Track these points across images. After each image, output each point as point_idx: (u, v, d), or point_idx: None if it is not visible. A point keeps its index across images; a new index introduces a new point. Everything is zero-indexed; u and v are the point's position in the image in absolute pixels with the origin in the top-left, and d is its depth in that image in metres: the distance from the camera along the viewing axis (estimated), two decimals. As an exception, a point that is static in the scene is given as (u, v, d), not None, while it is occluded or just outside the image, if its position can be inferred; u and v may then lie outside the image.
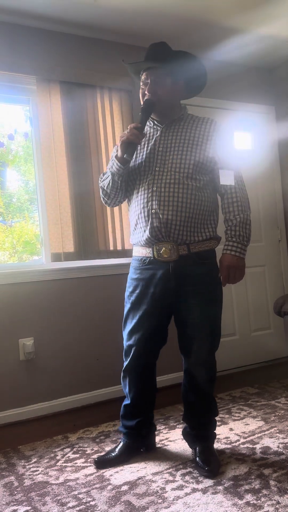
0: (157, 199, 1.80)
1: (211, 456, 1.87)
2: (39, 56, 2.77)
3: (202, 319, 1.84)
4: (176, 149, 1.84)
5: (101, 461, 1.97)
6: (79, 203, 2.80)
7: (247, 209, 1.87)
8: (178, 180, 1.80)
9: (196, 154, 1.82)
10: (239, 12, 2.82)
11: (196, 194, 1.81)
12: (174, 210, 1.79)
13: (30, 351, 2.63)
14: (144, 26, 2.89)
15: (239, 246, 1.81)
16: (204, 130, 1.87)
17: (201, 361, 1.88)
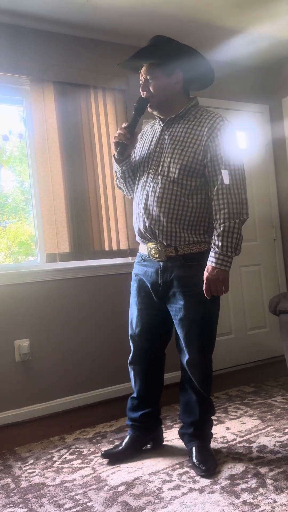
0: (145, 202, 1.83)
1: (207, 456, 1.87)
2: (33, 56, 2.76)
3: (190, 320, 1.83)
4: (169, 151, 1.81)
5: (108, 454, 2.00)
6: (74, 203, 2.79)
7: (237, 215, 1.73)
8: (164, 185, 1.79)
9: (185, 158, 1.76)
10: (233, 12, 2.82)
11: (183, 201, 1.78)
12: (158, 215, 1.80)
13: (26, 352, 2.62)
14: (139, 26, 2.88)
15: (220, 257, 1.73)
16: (200, 130, 1.77)
17: (193, 360, 1.87)
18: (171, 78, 1.80)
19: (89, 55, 2.95)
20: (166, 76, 1.79)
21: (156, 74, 1.79)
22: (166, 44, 1.81)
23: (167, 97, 1.81)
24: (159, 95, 1.81)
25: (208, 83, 1.94)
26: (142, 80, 1.84)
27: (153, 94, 1.81)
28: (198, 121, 1.80)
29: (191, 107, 1.85)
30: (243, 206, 1.76)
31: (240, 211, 1.75)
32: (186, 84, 1.85)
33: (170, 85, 1.80)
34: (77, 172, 2.81)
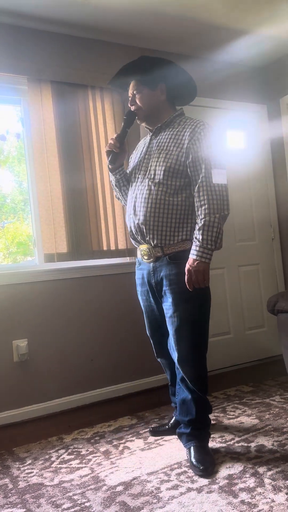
0: (134, 203, 1.95)
1: (205, 455, 1.88)
2: (31, 56, 2.76)
3: (179, 317, 1.88)
4: (155, 155, 1.93)
5: (155, 431, 2.23)
6: (72, 203, 2.79)
7: (217, 211, 1.82)
8: (150, 187, 1.91)
9: (168, 160, 1.87)
10: (233, 13, 2.82)
11: (167, 200, 1.87)
12: (145, 216, 1.90)
13: (24, 352, 2.62)
14: (138, 26, 2.88)
15: (200, 249, 1.80)
16: (183, 135, 1.88)
17: (183, 358, 1.91)
18: (156, 91, 1.95)
19: (87, 55, 2.95)
20: (151, 90, 1.94)
21: (142, 89, 1.94)
22: (148, 61, 1.96)
23: (153, 109, 1.96)
24: (146, 108, 1.96)
25: (192, 92, 2.05)
26: (130, 95, 1.99)
27: (140, 107, 1.96)
28: (181, 127, 1.91)
29: (176, 116, 1.97)
30: (223, 202, 1.85)
31: (221, 206, 1.84)
32: (170, 95, 1.99)
33: (155, 98, 1.95)
34: (75, 172, 2.80)
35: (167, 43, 3.15)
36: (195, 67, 3.37)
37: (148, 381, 2.96)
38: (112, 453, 2.10)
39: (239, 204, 3.53)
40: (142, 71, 1.93)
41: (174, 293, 1.89)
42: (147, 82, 1.93)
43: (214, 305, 3.29)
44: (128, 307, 2.93)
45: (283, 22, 3.01)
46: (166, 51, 3.25)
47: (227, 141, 1.70)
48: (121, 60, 3.05)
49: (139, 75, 1.93)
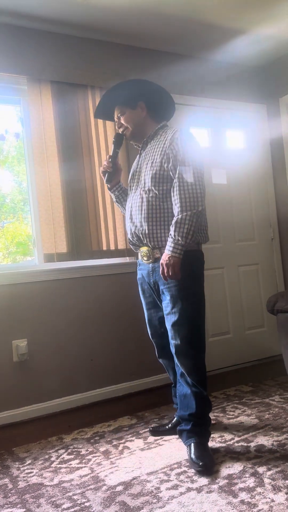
0: (130, 212, 2.10)
1: (204, 452, 1.89)
2: (30, 56, 2.76)
3: (176, 313, 1.98)
4: (144, 166, 2.07)
5: (155, 430, 2.25)
6: (72, 203, 2.79)
7: (189, 208, 1.90)
8: (141, 195, 2.04)
9: (153, 168, 2.00)
10: (233, 12, 2.82)
11: (158, 205, 1.99)
12: (140, 222, 2.03)
13: (24, 352, 2.62)
14: (137, 25, 2.88)
15: (172, 245, 1.90)
16: (164, 143, 2.00)
17: (180, 350, 1.99)
18: (137, 110, 2.10)
19: (87, 55, 2.95)
20: (132, 109, 2.10)
21: (124, 110, 2.11)
22: (125, 84, 2.11)
23: (138, 126, 2.11)
24: (131, 127, 2.11)
25: (169, 102, 2.18)
26: (116, 120, 2.16)
27: (126, 127, 2.12)
28: (163, 137, 2.05)
29: (159, 128, 2.11)
30: (196, 199, 1.92)
31: (193, 203, 1.91)
32: (150, 110, 2.13)
33: (136, 116, 2.11)
34: (74, 172, 2.80)
35: (167, 43, 3.15)
36: (195, 67, 3.37)
37: (148, 381, 2.96)
38: (112, 453, 2.10)
39: (238, 204, 3.53)
40: (121, 95, 2.09)
41: (171, 291, 1.98)
42: (127, 103, 2.10)
43: (213, 305, 3.32)
44: (128, 307, 2.93)
45: (283, 22, 3.01)
46: (166, 51, 3.25)
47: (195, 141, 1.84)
48: (121, 60, 3.06)
49: (119, 100, 2.11)
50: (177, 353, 1.99)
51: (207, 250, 3.33)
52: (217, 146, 3.46)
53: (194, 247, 2.02)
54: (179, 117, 3.29)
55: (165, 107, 2.18)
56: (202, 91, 3.38)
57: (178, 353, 1.99)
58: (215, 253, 3.39)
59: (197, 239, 2.03)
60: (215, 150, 3.44)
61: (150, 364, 2.91)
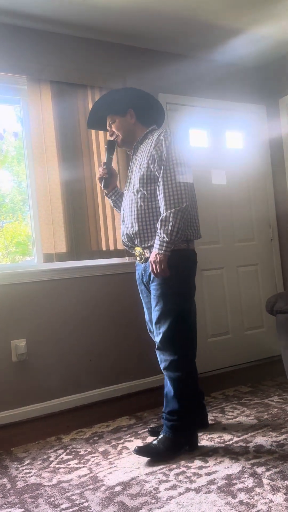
0: (123, 215, 2.18)
1: (156, 441, 2.01)
2: (30, 56, 2.76)
3: (156, 312, 2.05)
4: (134, 170, 2.14)
5: (154, 431, 2.26)
6: (71, 203, 2.79)
7: (172, 205, 1.94)
8: (131, 196, 2.12)
9: (141, 170, 2.07)
10: (232, 12, 2.82)
11: (146, 205, 2.05)
12: (131, 222, 2.10)
13: (23, 352, 2.61)
14: (137, 25, 2.88)
15: (158, 242, 1.95)
16: (150, 145, 2.06)
17: (158, 346, 2.07)
18: (126, 117, 2.19)
19: (86, 55, 2.95)
20: (122, 116, 2.19)
21: (114, 118, 2.20)
22: (114, 93, 2.19)
23: (128, 133, 2.20)
24: (121, 134, 2.20)
25: (158, 107, 2.25)
26: (108, 128, 2.25)
27: (117, 134, 2.21)
28: (150, 140, 2.11)
29: (148, 133, 2.18)
30: (179, 196, 1.96)
31: (177, 201, 1.95)
32: (139, 116, 2.20)
33: (126, 122, 2.19)
34: (74, 172, 2.80)
35: (166, 43, 3.15)
36: (194, 67, 3.37)
37: (147, 381, 2.96)
38: (110, 453, 2.10)
39: (238, 204, 3.53)
40: (110, 104, 2.18)
41: (155, 290, 2.05)
42: (117, 111, 2.19)
43: (213, 305, 3.32)
44: (127, 307, 2.93)
45: (282, 22, 3.01)
46: (165, 51, 3.25)
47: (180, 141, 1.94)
48: (120, 60, 3.06)
49: (108, 109, 2.19)
50: (157, 348, 2.08)
51: (206, 251, 3.34)
52: (217, 147, 3.46)
53: (182, 246, 2.05)
54: (178, 117, 3.29)
55: (154, 112, 2.26)
56: (202, 92, 3.38)
57: (158, 348, 2.07)
58: (214, 253, 3.39)
59: (186, 236, 2.05)
60: (214, 151, 3.44)
61: (149, 364, 2.90)
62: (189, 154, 2.08)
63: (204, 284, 3.32)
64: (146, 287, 2.18)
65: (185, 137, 3.30)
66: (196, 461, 1.93)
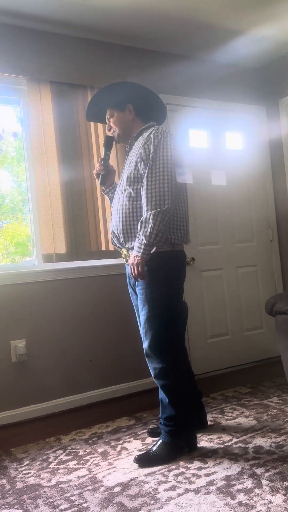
0: (112, 213, 2.13)
1: (155, 448, 1.98)
2: (30, 56, 2.76)
3: (144, 316, 2.00)
4: (125, 168, 2.09)
5: (153, 432, 2.25)
6: (71, 203, 2.79)
7: (154, 207, 1.88)
8: (119, 195, 2.07)
9: (129, 169, 2.02)
10: (232, 13, 2.83)
11: (131, 204, 2.00)
12: (116, 222, 2.05)
13: (22, 353, 2.61)
14: (136, 26, 2.89)
15: (137, 245, 1.89)
16: (139, 145, 2.02)
17: (147, 353, 2.01)
18: (125, 112, 2.13)
19: (86, 55, 2.95)
20: (121, 112, 2.13)
21: (113, 113, 2.15)
22: (114, 87, 2.14)
23: (126, 128, 2.15)
24: (119, 129, 2.15)
25: (158, 103, 2.19)
26: (107, 122, 2.19)
27: (115, 130, 2.16)
28: (142, 137, 2.05)
29: (143, 129, 2.12)
30: (163, 197, 1.89)
31: (158, 202, 1.88)
32: (138, 112, 2.15)
33: (125, 118, 2.14)
34: (73, 173, 2.80)
35: (166, 44, 3.15)
36: (194, 68, 3.37)
37: (146, 382, 2.96)
38: (110, 454, 2.09)
39: (238, 205, 3.53)
40: (110, 97, 2.13)
41: (140, 294, 2.00)
42: (116, 105, 2.13)
43: (212, 306, 3.32)
44: (126, 308, 2.92)
45: (282, 22, 3.01)
46: (165, 51, 3.25)
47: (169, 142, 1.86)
48: (120, 61, 3.07)
49: (108, 102, 2.14)
50: (145, 355, 2.02)
51: (206, 251, 3.34)
52: (217, 148, 3.46)
53: (166, 248, 1.97)
54: (178, 118, 3.29)
55: (155, 109, 2.21)
56: (202, 92, 3.39)
57: (146, 355, 2.02)
58: (214, 254, 3.39)
59: (170, 240, 1.97)
60: (214, 152, 3.44)
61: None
62: (181, 154, 2.02)
63: (204, 285, 3.32)
64: (133, 290, 2.13)
65: (185, 138, 3.30)
66: (195, 462, 1.93)
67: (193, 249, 3.29)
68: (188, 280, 3.24)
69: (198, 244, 3.33)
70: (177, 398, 1.99)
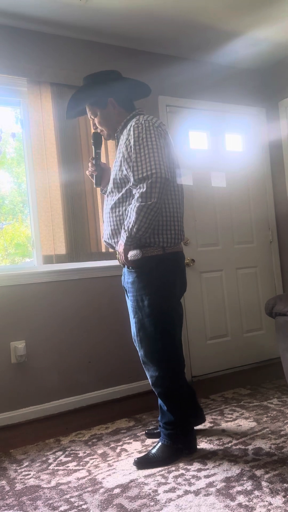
0: (103, 215, 2.06)
1: (154, 450, 1.98)
2: (30, 58, 2.76)
3: (134, 324, 1.97)
4: (112, 168, 2.00)
5: (151, 433, 2.24)
6: (71, 205, 2.79)
7: (140, 200, 1.77)
8: (107, 197, 2.01)
9: (114, 169, 1.95)
10: (232, 15, 2.83)
11: (117, 207, 1.93)
12: (107, 223, 1.99)
13: (22, 354, 2.61)
14: (136, 28, 2.89)
15: (122, 234, 1.87)
16: (123, 142, 1.90)
17: (143, 360, 1.99)
18: (108, 108, 2.00)
19: (86, 57, 2.96)
20: (103, 109, 2.01)
21: (95, 111, 2.03)
22: (91, 81, 2.01)
23: (112, 124, 2.03)
24: (105, 127, 2.04)
25: (141, 86, 2.07)
26: (90, 120, 2.09)
27: (103, 127, 2.05)
28: (126, 130, 1.92)
29: (128, 120, 1.99)
30: (151, 191, 1.76)
31: (146, 195, 1.77)
32: (121, 104, 2.02)
33: (109, 114, 2.02)
34: (73, 174, 2.81)
35: (165, 46, 3.16)
36: (194, 69, 3.38)
37: (146, 383, 2.96)
38: (109, 455, 2.09)
39: (237, 207, 3.54)
40: (89, 95, 2.00)
41: (131, 301, 1.96)
42: (97, 103, 2.01)
43: (212, 307, 3.32)
44: (126, 309, 2.92)
45: (281, 24, 3.02)
46: (164, 53, 3.26)
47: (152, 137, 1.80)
48: (120, 62, 3.07)
49: (87, 100, 2.01)
50: (142, 363, 2.01)
51: (206, 253, 3.35)
52: (216, 149, 3.46)
53: (156, 252, 1.88)
54: (178, 119, 3.30)
55: (137, 93, 2.09)
56: (201, 94, 3.39)
57: (142, 363, 2.00)
58: (213, 255, 3.39)
59: (158, 243, 1.88)
60: (214, 153, 3.45)
61: (148, 366, 2.90)
62: (168, 144, 1.89)
63: (203, 286, 3.32)
64: (126, 292, 2.05)
65: (184, 139, 3.31)
66: (195, 464, 1.92)
67: (193, 251, 3.29)
68: (187, 281, 3.23)
69: (198, 246, 3.33)
70: (176, 405, 1.97)
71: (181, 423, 1.98)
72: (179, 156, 3.27)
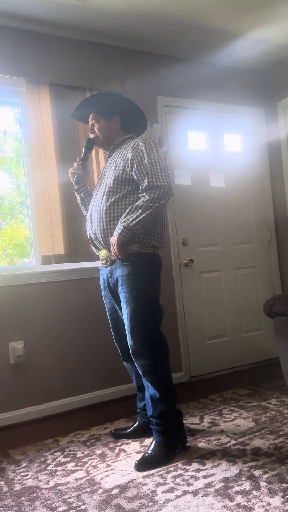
0: (90, 214, 2.18)
1: (150, 450, 1.98)
2: (29, 58, 2.76)
3: (127, 315, 2.04)
4: (108, 171, 2.16)
5: (116, 434, 2.29)
6: (69, 205, 2.79)
7: (152, 201, 1.98)
8: (102, 196, 2.12)
9: (116, 171, 2.10)
10: (231, 16, 2.84)
11: (116, 204, 2.07)
12: (98, 222, 2.10)
13: (20, 354, 2.61)
14: (136, 29, 2.89)
15: (119, 226, 1.99)
16: (127, 150, 2.10)
17: (134, 350, 2.04)
18: (111, 121, 2.23)
19: (85, 57, 2.96)
20: (107, 120, 2.22)
21: (99, 119, 2.23)
22: (105, 96, 2.27)
23: (109, 137, 2.24)
24: (102, 136, 2.23)
25: (142, 120, 2.32)
26: (90, 125, 2.26)
27: (98, 135, 2.24)
28: (127, 145, 2.16)
29: (126, 139, 2.22)
30: (162, 194, 1.99)
31: (158, 196, 1.99)
32: (123, 125, 2.27)
33: (110, 127, 2.23)
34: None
35: (164, 46, 3.16)
36: (193, 70, 3.38)
37: (145, 383, 2.96)
38: (108, 456, 2.09)
39: (236, 207, 3.54)
40: (100, 104, 2.22)
41: (125, 292, 2.04)
42: (104, 113, 2.22)
43: (211, 307, 3.32)
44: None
45: (281, 25, 3.02)
46: (164, 54, 3.26)
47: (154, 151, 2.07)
48: (119, 63, 3.07)
49: (97, 108, 2.22)
50: (133, 353, 2.05)
51: (205, 253, 3.35)
52: (215, 150, 3.47)
53: (149, 250, 2.08)
54: (177, 120, 3.30)
55: (138, 124, 2.33)
56: (201, 94, 3.39)
57: (134, 353, 2.04)
58: (212, 255, 3.39)
59: (150, 242, 2.07)
60: (213, 154, 3.45)
61: (147, 366, 2.90)
62: (167, 162, 2.14)
63: (202, 286, 3.32)
64: (112, 291, 2.16)
65: (183, 140, 3.31)
66: (193, 464, 1.92)
67: (192, 251, 3.29)
68: (186, 281, 3.24)
69: (197, 246, 3.33)
70: (169, 390, 2.04)
71: (172, 415, 2.03)
72: (178, 156, 3.28)
